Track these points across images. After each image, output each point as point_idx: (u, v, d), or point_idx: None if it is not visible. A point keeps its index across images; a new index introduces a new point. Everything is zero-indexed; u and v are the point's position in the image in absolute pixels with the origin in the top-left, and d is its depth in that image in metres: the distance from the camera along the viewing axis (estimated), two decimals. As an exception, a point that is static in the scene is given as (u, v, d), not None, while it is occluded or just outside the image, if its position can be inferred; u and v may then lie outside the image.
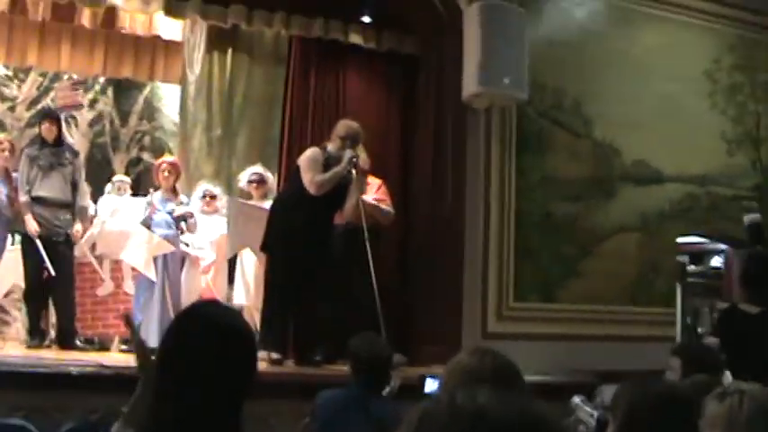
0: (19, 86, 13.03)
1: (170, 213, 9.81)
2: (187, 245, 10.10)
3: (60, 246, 9.32)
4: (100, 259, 10.13)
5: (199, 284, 10.11)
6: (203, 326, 2.66)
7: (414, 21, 10.47)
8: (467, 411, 1.48)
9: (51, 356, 8.43)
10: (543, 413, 1.54)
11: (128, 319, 3.39)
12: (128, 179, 10.96)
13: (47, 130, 9.45)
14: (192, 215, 9.81)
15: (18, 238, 9.70)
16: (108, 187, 11.00)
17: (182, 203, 9.89)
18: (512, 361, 3.10)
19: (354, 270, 8.96)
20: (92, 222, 10.17)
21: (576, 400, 4.05)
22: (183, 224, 9.86)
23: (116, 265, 10.07)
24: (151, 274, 9.54)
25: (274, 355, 8.36)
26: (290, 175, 9.06)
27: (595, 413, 3.47)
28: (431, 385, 4.89)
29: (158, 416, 2.57)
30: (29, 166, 9.35)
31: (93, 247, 10.13)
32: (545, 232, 10.01)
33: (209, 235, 10.11)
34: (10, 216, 9.34)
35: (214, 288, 10.07)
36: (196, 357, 2.56)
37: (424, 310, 9.99)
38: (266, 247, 8.83)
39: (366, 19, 10.44)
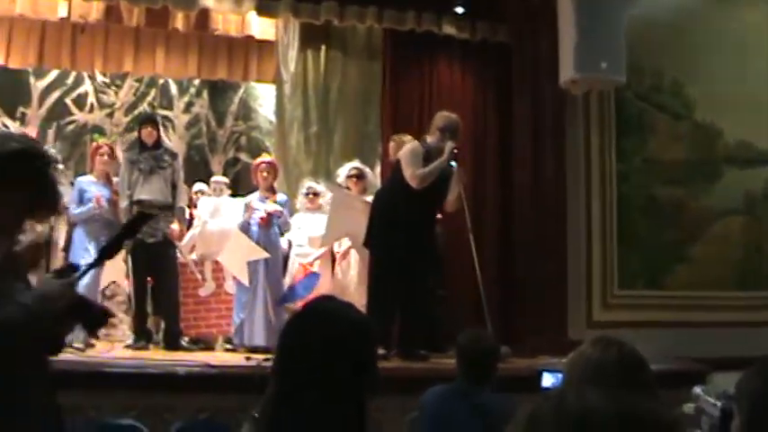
0: (116, 93, 13.28)
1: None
2: (290, 243, 10.10)
3: (161, 247, 9.41)
4: (202, 259, 10.20)
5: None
6: (322, 322, 2.62)
7: (507, 9, 10.43)
8: (573, 414, 1.44)
9: (158, 357, 8.52)
10: (653, 415, 1.49)
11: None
12: (225, 180, 11.03)
13: (147, 134, 9.58)
14: (280, 214, 9.81)
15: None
16: (199, 187, 11.03)
17: (276, 203, 9.88)
18: (637, 350, 2.98)
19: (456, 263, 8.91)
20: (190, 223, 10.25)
21: (698, 390, 3.96)
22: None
23: (217, 266, 10.17)
24: (244, 278, 9.60)
25: (380, 350, 8.33)
26: (391, 170, 9.00)
27: (719, 403, 3.37)
28: (548, 380, 4.80)
29: (282, 416, 2.54)
30: (129, 171, 9.50)
31: (193, 248, 10.20)
32: (648, 217, 9.89)
33: (312, 232, 10.11)
34: (112, 219, 9.42)
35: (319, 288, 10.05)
36: (317, 355, 2.52)
37: (527, 301, 9.93)
38: (369, 242, 8.80)
39: (458, 9, 10.40)
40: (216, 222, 10.25)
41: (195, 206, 10.73)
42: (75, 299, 3.22)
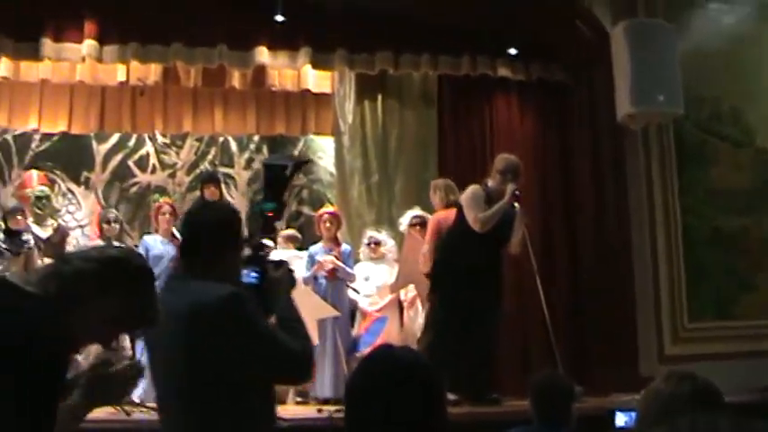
0: (177, 153, 13.43)
1: None
2: (357, 292, 10.12)
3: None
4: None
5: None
6: (388, 367, 2.61)
7: (561, 48, 10.49)
8: None
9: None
10: None
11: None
12: (296, 233, 11.05)
13: (210, 193, 9.73)
14: (339, 269, 9.84)
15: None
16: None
17: (341, 253, 9.91)
18: (711, 383, 2.94)
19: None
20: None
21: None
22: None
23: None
24: (314, 335, 9.61)
25: (450, 396, 8.29)
26: (455, 215, 9.00)
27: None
28: (621, 419, 4.75)
29: None
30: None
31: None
32: (715, 248, 9.78)
33: (376, 281, 10.13)
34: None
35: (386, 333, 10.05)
36: (384, 401, 2.50)
37: (597, 337, 9.89)
38: (433, 286, 8.80)
39: (512, 51, 10.42)
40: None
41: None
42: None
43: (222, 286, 3.55)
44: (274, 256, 10.08)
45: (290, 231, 11.35)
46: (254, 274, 3.81)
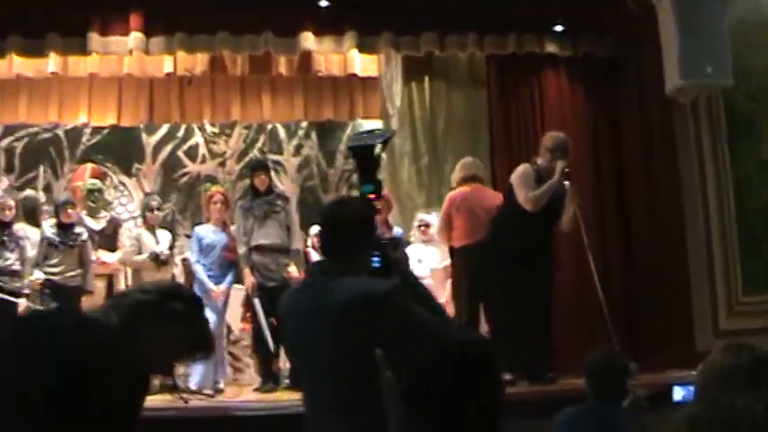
0: (226, 141, 13.55)
1: None
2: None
3: (281, 291, 9.50)
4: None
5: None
6: (445, 349, 2.62)
7: (607, 22, 10.40)
8: (748, 418, 1.42)
9: (287, 399, 8.61)
10: None
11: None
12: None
13: (260, 181, 9.75)
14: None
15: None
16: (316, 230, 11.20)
17: (393, 236, 9.94)
18: None
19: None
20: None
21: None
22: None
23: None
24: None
25: (507, 376, 8.30)
26: (504, 194, 9.00)
27: None
28: (679, 393, 4.73)
29: None
30: (244, 217, 9.67)
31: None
32: (766, 220, 9.64)
33: (429, 263, 10.16)
34: (232, 259, 9.63)
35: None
36: (446, 384, 2.51)
37: (651, 314, 9.85)
38: (485, 266, 8.81)
39: (558, 27, 10.39)
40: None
41: (314, 248, 10.89)
42: None
43: (379, 280, 3.67)
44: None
45: None
46: (375, 258, 3.86)
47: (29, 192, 11.60)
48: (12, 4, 9.96)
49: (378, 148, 4.23)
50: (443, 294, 10.06)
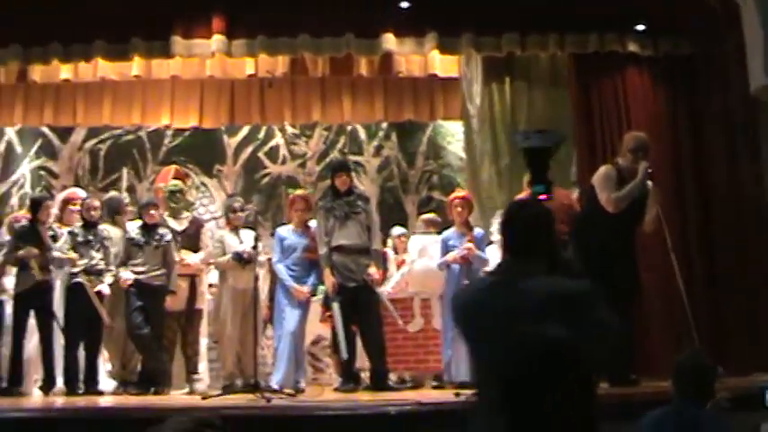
0: (307, 143, 13.68)
1: None
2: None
3: (362, 290, 9.58)
4: (410, 296, 10.41)
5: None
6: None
7: (689, 21, 10.32)
8: None
9: (368, 398, 8.68)
10: None
11: None
12: (437, 218, 11.12)
13: (341, 181, 9.82)
14: (472, 256, 9.92)
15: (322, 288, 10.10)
16: (398, 231, 11.28)
17: (474, 238, 9.97)
18: None
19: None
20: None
21: None
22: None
23: (425, 302, 10.30)
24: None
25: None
26: (586, 196, 8.98)
27: None
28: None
29: None
30: (325, 218, 9.75)
31: (405, 286, 10.43)
32: None
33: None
34: (313, 259, 9.74)
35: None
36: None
37: (735, 315, 9.74)
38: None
39: (640, 27, 10.34)
40: (422, 261, 10.42)
41: (395, 250, 10.98)
42: None
43: (577, 280, 3.73)
44: (416, 242, 10.34)
45: (430, 215, 11.41)
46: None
47: (113, 193, 11.80)
48: (97, 9, 10.18)
49: (552, 150, 4.29)
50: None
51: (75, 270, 9.77)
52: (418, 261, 10.47)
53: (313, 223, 9.98)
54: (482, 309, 3.75)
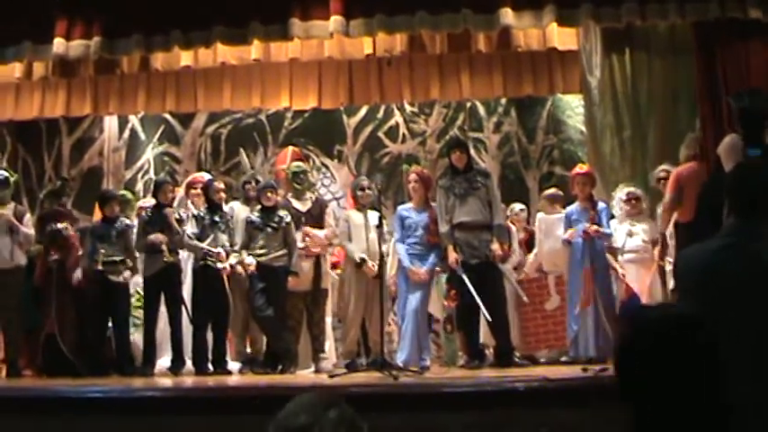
0: (426, 120, 13.74)
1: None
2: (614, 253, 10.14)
3: (484, 267, 9.62)
4: (545, 275, 10.46)
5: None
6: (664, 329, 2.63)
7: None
8: None
9: (495, 375, 8.72)
10: None
11: None
12: (560, 192, 11.09)
13: (456, 158, 9.90)
14: (598, 234, 9.90)
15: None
16: (518, 207, 11.33)
17: (596, 211, 9.94)
18: None
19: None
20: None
21: None
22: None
23: (560, 279, 10.33)
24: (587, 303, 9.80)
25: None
26: (713, 166, 8.84)
27: None
28: None
29: None
30: (445, 196, 9.84)
31: (540, 266, 10.49)
32: None
33: (640, 237, 10.11)
34: (434, 242, 9.80)
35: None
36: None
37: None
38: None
39: (763, -8, 10.15)
40: (550, 242, 10.47)
41: (513, 223, 10.99)
42: None
43: None
44: (541, 222, 10.38)
45: (552, 191, 11.38)
46: None
47: (248, 173, 11.98)
48: (215, -6, 10.38)
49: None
50: (653, 268, 10.03)
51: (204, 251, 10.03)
52: (545, 241, 10.52)
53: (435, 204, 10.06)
54: (714, 272, 3.66)
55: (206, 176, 11.21)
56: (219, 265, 9.96)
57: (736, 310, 3.52)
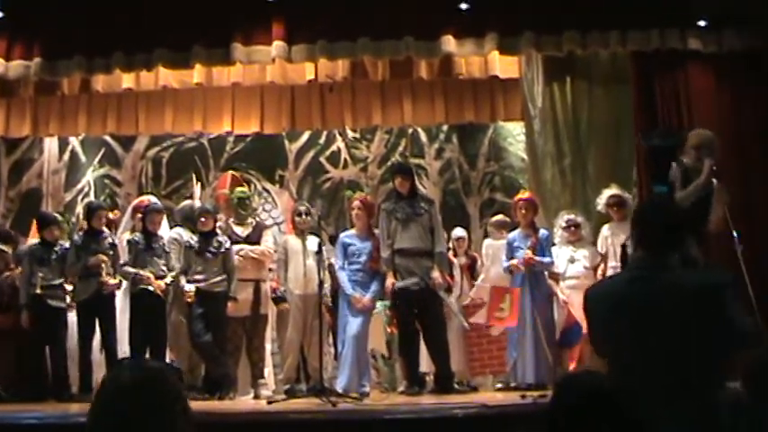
0: (368, 146, 13.77)
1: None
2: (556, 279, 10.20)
3: (425, 293, 9.62)
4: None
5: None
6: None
7: (753, 16, 10.20)
8: None
9: (433, 401, 8.73)
10: None
11: None
12: (508, 219, 11.14)
13: (399, 184, 9.92)
14: (538, 263, 9.98)
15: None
16: (458, 233, 11.35)
17: (539, 239, 10.01)
18: None
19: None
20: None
21: None
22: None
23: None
24: (513, 322, 9.83)
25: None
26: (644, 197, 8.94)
27: None
28: None
29: None
30: (387, 220, 9.84)
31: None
32: None
33: (581, 263, 10.19)
34: (376, 269, 9.80)
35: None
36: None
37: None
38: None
39: (702, 23, 10.27)
40: (496, 267, 10.53)
41: (454, 252, 11.00)
42: None
43: (717, 272, 4.12)
44: (486, 248, 10.41)
45: (499, 217, 11.45)
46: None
47: (187, 201, 11.84)
48: (158, 18, 10.35)
49: (673, 150, 4.50)
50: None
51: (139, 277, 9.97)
52: (492, 267, 10.58)
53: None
54: (625, 303, 3.96)
55: (153, 200, 11.13)
56: (150, 288, 9.90)
57: (648, 337, 3.84)
